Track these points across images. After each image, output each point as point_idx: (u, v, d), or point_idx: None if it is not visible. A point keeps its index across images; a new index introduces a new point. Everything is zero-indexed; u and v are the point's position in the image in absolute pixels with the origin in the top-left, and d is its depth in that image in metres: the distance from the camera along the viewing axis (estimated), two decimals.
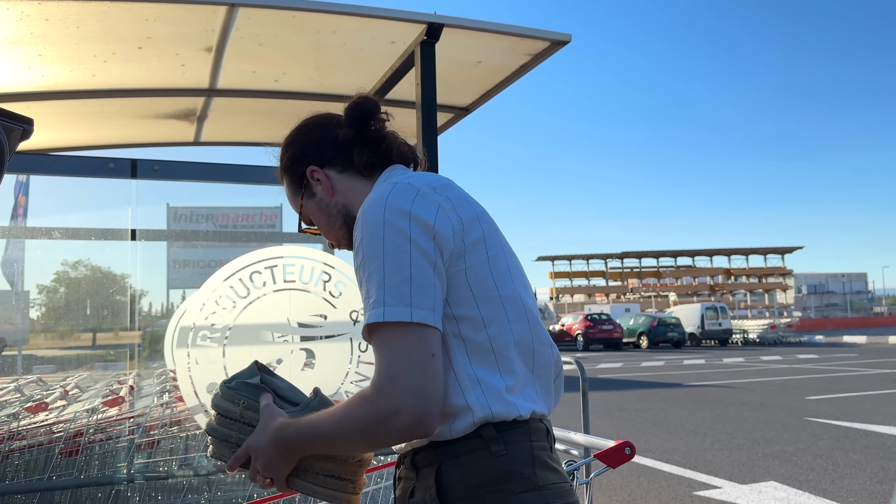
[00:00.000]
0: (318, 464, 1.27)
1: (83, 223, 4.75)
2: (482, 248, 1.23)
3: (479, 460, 1.16)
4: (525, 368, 1.24)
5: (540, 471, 1.18)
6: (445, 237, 1.18)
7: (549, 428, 1.28)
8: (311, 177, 1.44)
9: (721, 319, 32.89)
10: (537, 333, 1.29)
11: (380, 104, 1.46)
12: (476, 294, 1.20)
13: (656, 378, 16.81)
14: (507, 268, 1.26)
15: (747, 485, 6.05)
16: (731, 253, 66.50)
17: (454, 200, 1.24)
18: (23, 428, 3.32)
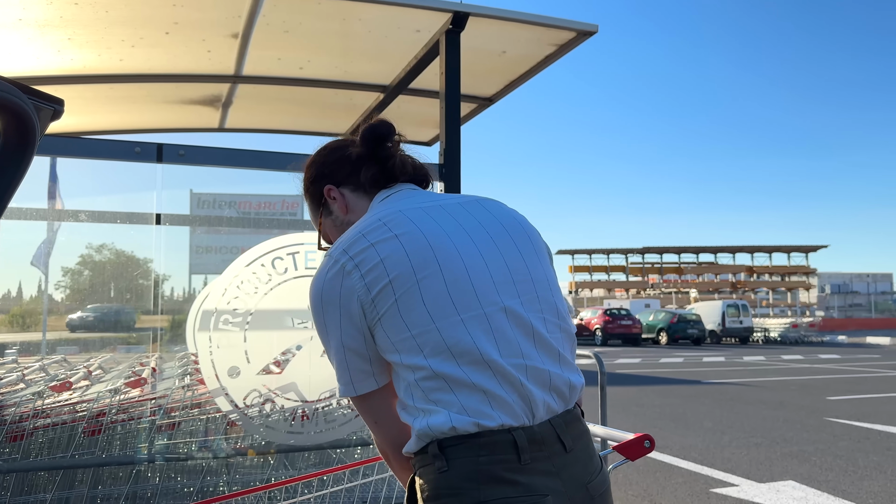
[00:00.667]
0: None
1: (108, 206, 4.81)
2: (389, 294, 1.29)
3: (427, 475, 1.27)
4: (465, 390, 1.25)
5: (486, 486, 1.20)
6: (354, 301, 1.31)
7: (518, 439, 1.24)
8: (328, 195, 1.54)
9: (742, 317, 32.58)
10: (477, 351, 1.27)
11: (394, 128, 1.54)
12: (393, 339, 1.29)
13: (675, 374, 16.71)
14: (419, 300, 1.28)
15: (765, 483, 6.01)
16: (755, 250, 65.81)
17: (357, 258, 1.32)
18: (47, 406, 3.38)
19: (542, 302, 1.36)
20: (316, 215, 1.60)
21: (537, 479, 1.22)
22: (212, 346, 3.20)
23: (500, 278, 1.33)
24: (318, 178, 1.56)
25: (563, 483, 1.25)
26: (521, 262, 1.37)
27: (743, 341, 32.76)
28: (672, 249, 65.30)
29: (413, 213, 1.38)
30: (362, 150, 1.52)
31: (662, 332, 31.66)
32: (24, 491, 3.37)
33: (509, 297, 1.32)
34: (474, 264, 1.32)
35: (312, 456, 3.94)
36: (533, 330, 1.32)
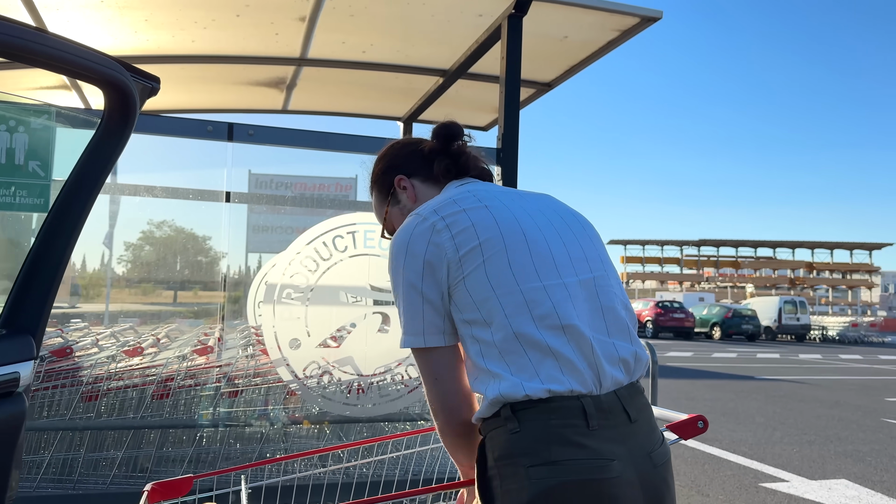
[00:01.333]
0: None
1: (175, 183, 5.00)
2: (477, 254, 1.37)
3: (499, 436, 1.31)
4: (539, 353, 1.32)
5: (558, 447, 1.26)
6: (438, 258, 1.38)
7: (586, 406, 1.31)
8: (398, 185, 1.64)
9: (799, 314, 31.74)
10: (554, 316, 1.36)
11: (463, 129, 1.66)
12: (475, 298, 1.36)
13: (727, 369, 16.44)
14: (506, 264, 1.37)
15: (817, 480, 5.92)
16: (815, 246, 63.84)
17: (448, 219, 1.41)
18: (120, 370, 3.57)
19: (610, 279, 1.47)
20: (382, 205, 1.69)
21: (604, 445, 1.28)
22: (275, 318, 3.34)
23: (575, 255, 1.43)
24: (389, 169, 1.67)
25: (628, 450, 1.30)
26: (588, 243, 1.49)
27: (799, 339, 31.93)
28: (729, 242, 63.84)
29: (496, 192, 1.51)
30: (436, 145, 1.64)
31: (716, 327, 31.09)
32: (97, 448, 3.58)
33: (583, 272, 1.42)
34: (553, 240, 1.43)
35: (365, 429, 4.06)
36: (601, 304, 1.41)
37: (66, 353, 3.58)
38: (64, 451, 3.49)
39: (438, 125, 1.67)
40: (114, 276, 9.54)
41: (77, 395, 3.45)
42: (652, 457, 1.34)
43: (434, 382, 1.40)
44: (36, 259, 1.31)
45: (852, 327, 33.00)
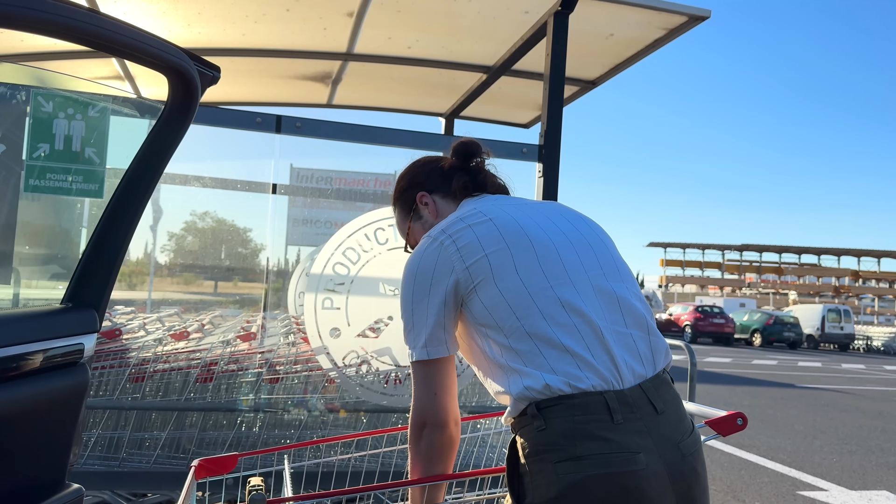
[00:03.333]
0: None
1: (223, 174, 5.11)
2: (485, 265, 1.44)
3: (527, 434, 1.36)
4: (555, 351, 1.37)
5: (582, 442, 1.30)
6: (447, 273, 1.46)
7: (609, 401, 1.34)
8: (420, 201, 1.72)
9: (843, 323, 31.00)
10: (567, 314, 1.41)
11: (482, 147, 1.75)
12: (487, 305, 1.43)
13: (767, 377, 16.15)
14: (513, 269, 1.44)
15: (857, 491, 5.80)
16: (862, 254, 62.21)
17: (454, 235, 1.49)
18: (166, 352, 3.68)
19: (623, 276, 1.52)
20: (405, 221, 1.77)
21: (630, 438, 1.31)
22: (317, 307, 3.40)
23: (584, 255, 1.50)
24: (412, 186, 1.75)
25: (655, 442, 1.32)
26: (598, 242, 1.56)
27: (842, 348, 31.20)
28: (773, 248, 62.59)
29: (503, 205, 1.58)
30: (455, 162, 1.73)
31: (756, 334, 30.54)
32: (142, 428, 3.69)
33: (593, 269, 1.48)
34: (560, 242, 1.50)
35: (401, 420, 4.11)
36: (618, 298, 1.46)
37: (115, 335, 3.70)
38: (111, 429, 3.61)
39: (458, 142, 1.75)
40: (157, 265, 9.78)
41: (124, 376, 3.56)
42: (680, 447, 1.37)
43: (426, 394, 1.49)
44: (99, 240, 1.38)
45: None
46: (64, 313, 1.26)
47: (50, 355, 1.18)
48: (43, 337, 1.17)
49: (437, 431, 1.47)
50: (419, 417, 1.48)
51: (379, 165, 11.46)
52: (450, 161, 1.75)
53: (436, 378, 1.48)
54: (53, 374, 1.19)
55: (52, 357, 1.19)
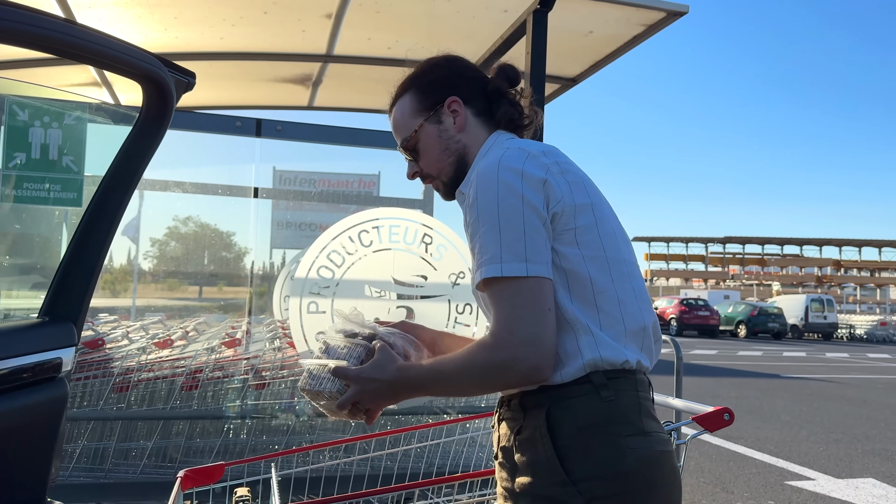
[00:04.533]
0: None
1: (203, 179, 5.07)
2: (589, 211, 1.31)
3: (588, 404, 1.25)
4: (625, 325, 1.31)
5: (645, 419, 1.28)
6: (554, 197, 1.28)
7: (650, 382, 1.36)
8: (449, 106, 1.45)
9: (827, 312, 31.31)
10: (640, 294, 1.37)
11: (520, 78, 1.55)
12: (584, 253, 1.29)
13: (753, 367, 16.28)
14: (612, 230, 1.34)
15: (843, 479, 5.85)
16: (843, 244, 62.92)
17: (562, 165, 1.33)
18: (150, 361, 3.65)
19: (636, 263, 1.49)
20: (417, 116, 1.47)
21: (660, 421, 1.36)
22: (302, 312, 3.38)
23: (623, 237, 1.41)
24: (445, 85, 1.47)
25: None
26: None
27: (826, 338, 31.51)
28: (755, 240, 63.14)
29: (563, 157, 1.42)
30: (502, 85, 1.48)
31: (741, 325, 30.78)
32: (128, 438, 3.66)
33: (630, 254, 1.41)
34: (621, 228, 1.43)
35: (389, 423, 4.10)
36: (641, 287, 1.41)
37: (98, 345, 3.66)
38: (96, 440, 3.57)
39: (504, 64, 1.51)
40: (140, 272, 9.71)
41: (108, 386, 3.52)
42: None
43: (548, 312, 1.23)
44: (76, 250, 1.35)
45: (881, 326, 32.49)
46: (41, 327, 1.24)
47: (27, 371, 1.16)
48: (19, 353, 1.15)
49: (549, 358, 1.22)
50: (534, 338, 1.20)
51: (362, 167, 11.36)
52: (496, 81, 1.48)
53: (542, 297, 1.23)
54: (31, 390, 1.17)
55: (29, 373, 1.17)
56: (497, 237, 1.23)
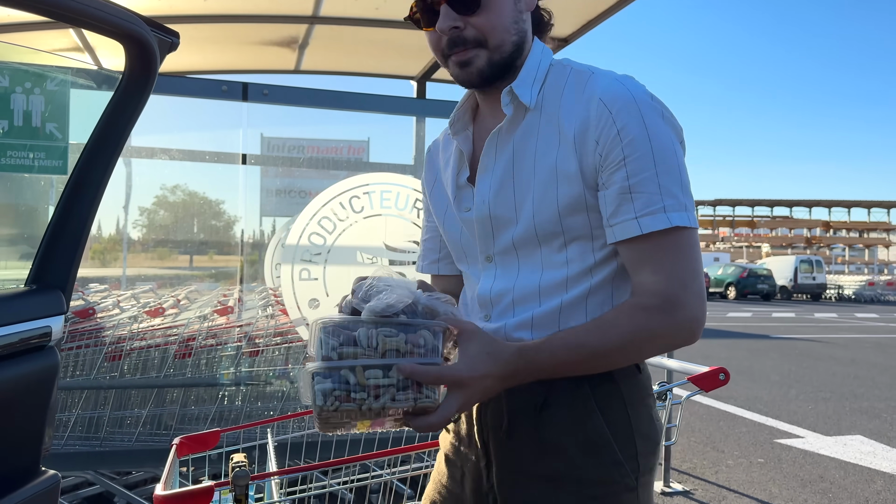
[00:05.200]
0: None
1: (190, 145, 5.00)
2: None
3: (632, 377, 1.19)
4: None
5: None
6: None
7: None
8: None
9: (816, 273, 31.60)
10: None
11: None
12: None
13: (742, 328, 16.44)
14: None
15: (832, 437, 5.95)
16: (833, 205, 63.22)
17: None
18: (142, 330, 3.63)
19: None
20: None
21: None
22: (294, 279, 3.36)
23: None
24: None
25: None
26: None
27: (815, 298, 31.84)
28: (745, 202, 63.34)
29: None
30: None
31: (731, 287, 31.03)
32: (122, 406, 3.65)
33: None
34: None
35: None
36: None
37: (89, 314, 3.63)
38: (90, 409, 3.56)
39: None
40: (130, 241, 9.65)
41: (101, 356, 3.51)
42: None
43: (700, 268, 1.14)
44: (61, 218, 1.32)
45: (868, 286, 32.86)
46: (28, 296, 1.21)
47: (15, 340, 1.14)
48: (6, 322, 1.12)
49: (699, 332, 1.13)
50: (698, 295, 1.11)
51: (351, 132, 11.28)
52: None
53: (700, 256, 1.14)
54: (20, 360, 1.15)
55: (17, 342, 1.14)
56: (679, 180, 1.11)
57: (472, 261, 1.31)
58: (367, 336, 1.00)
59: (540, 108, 1.18)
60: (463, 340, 1.06)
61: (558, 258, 1.17)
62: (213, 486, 1.35)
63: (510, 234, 1.20)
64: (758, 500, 4.36)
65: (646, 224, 1.09)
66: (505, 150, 1.20)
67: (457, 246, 1.34)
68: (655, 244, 1.09)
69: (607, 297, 1.17)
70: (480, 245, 1.26)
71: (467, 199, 1.27)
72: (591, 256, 1.16)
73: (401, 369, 0.99)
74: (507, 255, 1.22)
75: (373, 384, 0.98)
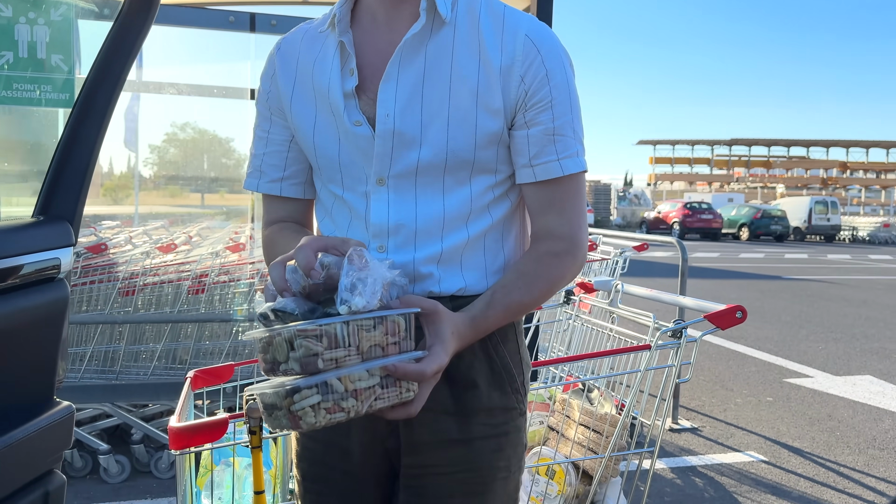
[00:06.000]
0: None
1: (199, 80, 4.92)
2: None
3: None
4: None
5: None
6: None
7: None
8: None
9: (830, 214, 31.28)
10: None
11: None
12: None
13: (754, 269, 16.40)
14: None
15: (841, 377, 5.97)
16: (850, 145, 62.16)
17: None
18: (154, 265, 3.64)
19: None
20: None
21: None
22: None
23: None
24: None
25: None
26: None
27: (828, 239, 31.62)
28: (762, 142, 62.37)
29: None
30: None
31: (744, 228, 30.82)
32: (136, 341, 3.70)
33: None
34: None
35: None
36: None
37: (101, 249, 3.64)
38: (105, 343, 3.61)
39: None
40: (141, 179, 9.64)
41: (114, 291, 3.53)
42: None
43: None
44: (67, 147, 1.29)
45: (884, 227, 32.52)
46: (36, 227, 1.19)
47: (24, 272, 1.13)
48: (14, 252, 1.11)
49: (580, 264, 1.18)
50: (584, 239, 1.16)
51: None
52: None
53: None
54: (30, 292, 1.14)
55: (26, 273, 1.13)
56: (581, 127, 1.15)
57: (352, 182, 1.15)
58: (344, 334, 0.89)
59: (454, 25, 1.10)
60: (431, 322, 1.04)
61: (461, 191, 1.12)
62: (227, 419, 1.36)
63: (414, 157, 1.10)
64: (765, 438, 4.40)
65: (566, 166, 1.11)
66: (414, 62, 1.09)
67: (331, 163, 1.16)
68: (564, 187, 1.13)
69: (499, 235, 1.17)
70: (376, 165, 1.11)
71: (355, 112, 1.11)
72: (491, 192, 1.15)
73: (393, 372, 0.93)
74: (404, 179, 1.11)
75: (361, 387, 0.91)
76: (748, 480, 3.73)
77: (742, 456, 4.09)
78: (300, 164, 1.24)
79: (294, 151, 1.23)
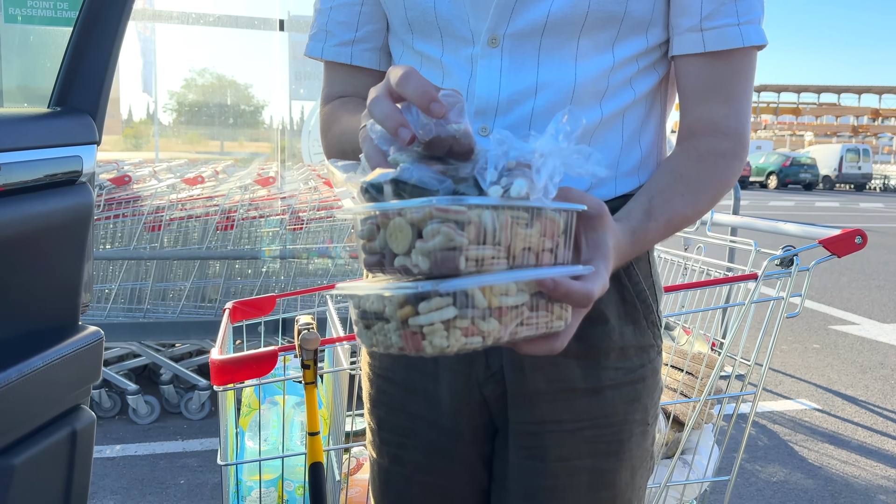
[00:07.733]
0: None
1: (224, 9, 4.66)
2: None
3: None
4: None
5: None
6: None
7: None
8: None
9: (861, 163, 30.48)
10: None
11: None
12: None
13: (785, 217, 15.95)
14: None
15: (889, 324, 5.74)
16: (884, 91, 60.31)
17: None
18: (181, 200, 3.46)
19: None
20: None
21: None
22: None
23: None
24: None
25: None
26: None
27: (858, 188, 30.89)
28: (791, 88, 60.71)
29: None
30: None
31: (772, 176, 30.16)
32: (163, 279, 3.55)
33: None
34: None
35: None
36: None
37: (125, 182, 3.47)
38: (131, 280, 3.46)
39: None
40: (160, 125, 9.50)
41: (139, 225, 3.37)
42: None
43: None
44: (86, 27, 1.08)
45: None
46: (52, 118, 1.00)
47: (39, 169, 0.93)
48: (25, 145, 0.91)
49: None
50: (746, 143, 0.88)
51: None
52: None
53: None
54: (46, 195, 0.95)
55: (41, 172, 0.94)
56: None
57: (454, 42, 0.85)
58: (495, 226, 0.58)
59: None
60: (591, 228, 0.70)
61: (600, 59, 0.83)
62: (277, 350, 1.18)
63: (544, 8, 0.79)
64: (816, 385, 4.21)
65: (748, 35, 0.83)
66: None
67: (427, 15, 0.85)
68: (736, 66, 0.84)
69: (640, 115, 0.88)
70: (492, 18, 0.81)
71: None
72: (635, 63, 0.85)
73: (552, 290, 0.62)
74: (525, 40, 0.82)
75: (507, 304, 0.59)
76: (802, 429, 3.55)
77: (794, 404, 3.91)
78: (376, 24, 0.93)
79: (369, 5, 0.92)
